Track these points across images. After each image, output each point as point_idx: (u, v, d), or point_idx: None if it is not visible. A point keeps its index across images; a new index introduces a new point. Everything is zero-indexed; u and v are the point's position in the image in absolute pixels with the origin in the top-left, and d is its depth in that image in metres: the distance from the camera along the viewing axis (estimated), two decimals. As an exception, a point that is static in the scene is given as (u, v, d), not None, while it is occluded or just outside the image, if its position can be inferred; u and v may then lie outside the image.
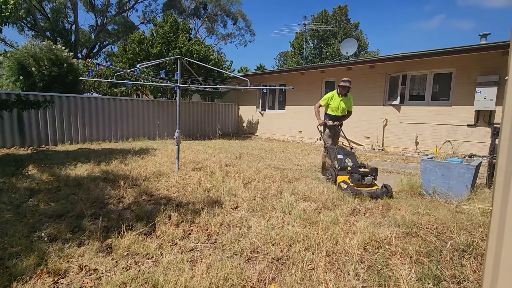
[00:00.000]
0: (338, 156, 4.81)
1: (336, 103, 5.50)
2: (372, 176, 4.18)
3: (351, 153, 4.91)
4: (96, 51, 27.04)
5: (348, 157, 4.77)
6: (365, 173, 4.16)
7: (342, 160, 4.73)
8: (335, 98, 5.50)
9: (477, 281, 2.08)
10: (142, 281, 2.03)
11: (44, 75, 9.45)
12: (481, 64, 7.58)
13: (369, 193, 4.00)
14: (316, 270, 2.21)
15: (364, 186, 4.17)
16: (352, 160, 4.73)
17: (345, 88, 5.39)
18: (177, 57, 5.36)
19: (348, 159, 4.74)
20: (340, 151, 4.89)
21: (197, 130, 12.84)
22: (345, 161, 4.70)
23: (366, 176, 4.16)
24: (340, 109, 5.52)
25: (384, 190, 4.02)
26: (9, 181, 4.41)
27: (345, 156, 4.79)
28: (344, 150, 4.96)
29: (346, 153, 4.85)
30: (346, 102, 5.54)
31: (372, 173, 4.18)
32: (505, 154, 1.35)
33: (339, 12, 31.45)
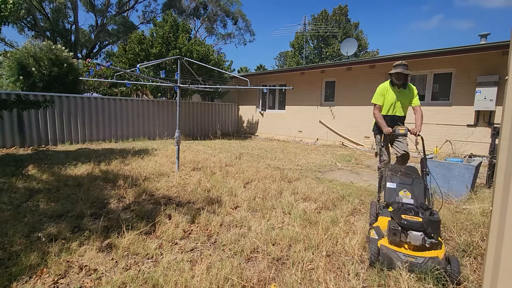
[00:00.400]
0: (388, 184, 2.87)
1: (392, 98, 3.90)
2: (425, 232, 2.21)
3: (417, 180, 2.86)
4: (96, 51, 27.04)
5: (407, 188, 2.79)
6: (412, 224, 2.22)
7: (392, 192, 2.81)
8: (390, 92, 3.91)
9: (477, 281, 2.08)
10: (142, 281, 2.03)
11: (44, 75, 9.45)
12: (481, 64, 7.58)
13: (410, 264, 2.15)
14: (316, 270, 2.21)
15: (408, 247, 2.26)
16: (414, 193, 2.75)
17: (400, 76, 3.79)
18: (177, 57, 5.36)
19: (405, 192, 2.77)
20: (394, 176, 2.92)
21: (197, 130, 12.84)
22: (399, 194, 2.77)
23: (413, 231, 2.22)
24: (400, 105, 3.93)
25: (445, 264, 2.08)
26: (9, 181, 4.41)
27: (400, 186, 2.82)
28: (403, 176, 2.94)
29: (403, 181, 2.86)
30: (408, 96, 3.88)
31: (426, 227, 2.20)
32: (505, 154, 1.35)
33: (339, 12, 31.44)
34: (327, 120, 11.16)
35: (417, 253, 2.18)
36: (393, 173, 2.97)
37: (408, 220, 2.24)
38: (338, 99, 10.87)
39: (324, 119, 11.27)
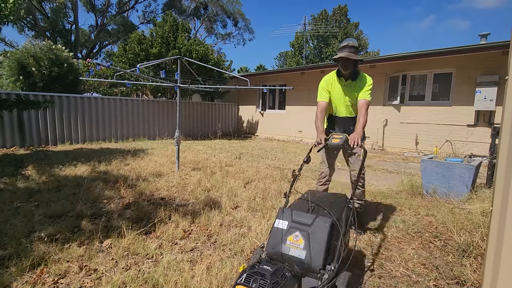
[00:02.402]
0: (276, 223, 1.80)
1: (338, 92, 2.90)
2: None
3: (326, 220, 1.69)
4: (96, 51, 27.05)
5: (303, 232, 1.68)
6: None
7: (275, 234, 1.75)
8: (335, 84, 2.90)
9: (477, 281, 2.08)
10: (142, 281, 2.03)
11: (44, 75, 9.45)
12: (481, 64, 7.58)
13: None
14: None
15: None
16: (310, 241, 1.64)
17: (346, 62, 2.71)
18: (177, 57, 5.36)
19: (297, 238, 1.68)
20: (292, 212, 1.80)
21: (197, 130, 12.84)
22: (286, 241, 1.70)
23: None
24: (347, 102, 2.90)
25: None
26: (9, 181, 4.41)
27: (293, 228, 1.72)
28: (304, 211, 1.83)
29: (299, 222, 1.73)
30: (356, 88, 2.82)
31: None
32: (505, 154, 1.35)
33: (339, 12, 31.46)
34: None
35: None
36: (297, 205, 1.97)
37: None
38: (338, 99, 10.86)
39: (324, 119, 11.25)
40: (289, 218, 1.78)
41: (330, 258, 1.66)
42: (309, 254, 1.62)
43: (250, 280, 1.36)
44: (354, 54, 2.68)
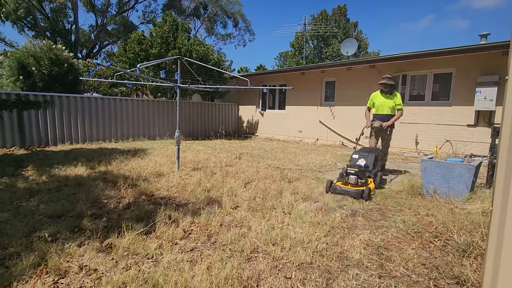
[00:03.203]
0: (353, 155, 4.78)
1: (380, 100, 5.45)
2: (356, 176, 4.08)
3: (372, 154, 4.71)
4: (96, 51, 27.04)
5: (364, 157, 4.66)
6: (351, 172, 4.12)
7: (353, 160, 4.69)
8: (378, 96, 5.50)
9: (477, 281, 2.08)
10: (142, 281, 2.03)
11: (44, 75, 9.45)
12: (481, 64, 7.58)
13: (343, 191, 4.06)
14: (316, 271, 2.21)
15: (349, 185, 4.13)
16: (367, 160, 4.60)
17: (385, 85, 5.35)
18: (177, 57, 5.36)
19: (362, 159, 4.64)
20: (359, 152, 4.85)
21: (197, 130, 12.84)
22: (358, 161, 4.62)
23: (351, 175, 4.11)
24: (386, 107, 5.39)
25: (361, 192, 3.92)
26: (9, 181, 4.41)
27: (361, 156, 4.70)
28: (364, 151, 4.85)
29: (362, 154, 4.73)
30: (391, 99, 5.39)
31: (357, 174, 4.08)
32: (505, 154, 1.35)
33: (338, 12, 31.46)
34: (327, 120, 11.16)
35: (349, 187, 4.12)
36: (361, 150, 4.98)
37: (350, 170, 4.19)
38: (338, 99, 10.87)
39: (324, 119, 11.27)
40: (358, 153, 4.82)
41: (375, 166, 4.61)
42: (367, 164, 4.58)
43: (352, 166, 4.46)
44: (389, 81, 5.38)
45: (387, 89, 5.39)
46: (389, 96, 5.40)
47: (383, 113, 5.41)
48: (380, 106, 5.45)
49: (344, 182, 4.17)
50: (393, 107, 5.38)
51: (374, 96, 5.58)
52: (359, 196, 3.86)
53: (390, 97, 5.39)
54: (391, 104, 5.37)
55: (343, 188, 4.05)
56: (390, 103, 5.37)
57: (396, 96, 5.38)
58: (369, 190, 3.92)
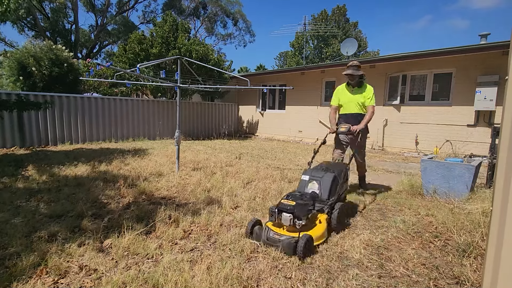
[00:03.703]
0: (302, 176, 3.24)
1: (346, 96, 4.14)
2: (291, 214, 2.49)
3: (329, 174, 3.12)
4: (96, 51, 27.05)
5: (317, 180, 3.11)
6: (284, 208, 2.54)
7: (301, 184, 3.19)
8: (344, 91, 4.20)
9: (477, 281, 2.08)
10: (142, 281, 2.03)
11: (44, 75, 9.44)
12: (481, 64, 7.58)
13: (268, 240, 2.51)
14: (316, 271, 2.21)
15: (284, 228, 2.57)
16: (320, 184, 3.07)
17: (351, 77, 4.03)
18: (177, 57, 5.36)
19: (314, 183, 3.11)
20: (310, 171, 3.26)
21: (197, 130, 12.83)
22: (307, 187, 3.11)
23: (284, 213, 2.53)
24: (354, 103, 4.09)
25: (293, 244, 2.36)
26: (9, 181, 4.41)
27: (312, 178, 3.14)
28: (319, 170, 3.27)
29: (314, 176, 3.14)
30: (360, 94, 4.07)
31: (292, 211, 2.49)
32: (505, 154, 1.35)
33: (338, 12, 31.47)
34: (327, 120, 11.16)
35: (281, 232, 2.54)
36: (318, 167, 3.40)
37: (286, 203, 2.58)
38: (338, 99, 10.86)
39: (324, 119, 11.26)
40: (309, 174, 3.20)
41: (332, 194, 3.02)
42: (320, 192, 3.03)
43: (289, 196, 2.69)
44: (352, 70, 3.99)
45: (354, 81, 4.07)
46: (357, 89, 4.09)
47: (352, 111, 4.13)
48: (347, 103, 4.14)
49: (275, 223, 2.62)
50: (362, 104, 4.08)
51: (339, 90, 4.25)
52: (291, 251, 2.36)
53: (359, 91, 4.08)
54: (360, 100, 4.06)
55: (270, 235, 2.52)
56: (359, 99, 4.06)
57: (366, 89, 4.08)
58: (307, 241, 2.34)
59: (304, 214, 2.50)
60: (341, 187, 3.17)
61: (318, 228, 2.63)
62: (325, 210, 2.81)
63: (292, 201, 2.57)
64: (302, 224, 2.47)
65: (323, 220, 2.70)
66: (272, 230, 2.54)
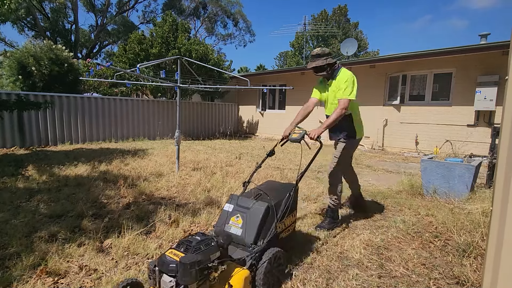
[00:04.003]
0: (225, 206, 2.23)
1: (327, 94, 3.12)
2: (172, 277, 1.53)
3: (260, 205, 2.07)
4: (96, 51, 27.04)
5: (243, 213, 2.09)
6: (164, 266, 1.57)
7: (220, 219, 2.19)
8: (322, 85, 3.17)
9: (477, 281, 2.08)
10: (142, 281, 2.03)
11: (44, 75, 9.45)
12: (481, 64, 7.58)
13: None
14: (316, 271, 2.21)
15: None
16: (246, 220, 2.04)
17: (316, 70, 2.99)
18: (177, 57, 5.36)
19: (237, 218, 2.08)
20: (237, 199, 2.22)
21: (197, 130, 12.83)
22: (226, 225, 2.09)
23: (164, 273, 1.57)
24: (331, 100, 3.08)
25: None
26: (9, 181, 4.41)
27: (236, 210, 2.14)
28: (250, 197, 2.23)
29: (240, 207, 2.14)
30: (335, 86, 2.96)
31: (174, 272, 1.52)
32: (505, 154, 1.35)
33: (339, 12, 31.48)
34: (327, 120, 11.15)
35: None
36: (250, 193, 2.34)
37: (170, 257, 1.58)
38: (338, 99, 10.86)
39: (324, 119, 11.25)
40: (235, 203, 2.19)
41: (263, 236, 1.99)
42: (244, 232, 2.01)
43: (180, 245, 1.67)
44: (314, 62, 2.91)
45: (321, 74, 3.00)
46: (332, 82, 2.99)
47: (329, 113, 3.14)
48: (326, 102, 3.19)
49: None
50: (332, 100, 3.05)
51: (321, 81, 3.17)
52: None
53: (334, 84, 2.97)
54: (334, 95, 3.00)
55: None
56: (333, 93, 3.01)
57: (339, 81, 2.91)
58: None
59: (193, 280, 1.48)
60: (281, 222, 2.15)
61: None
62: (247, 261, 1.83)
63: (176, 256, 1.57)
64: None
65: (238, 281, 1.66)
66: None
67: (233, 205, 2.19)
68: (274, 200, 2.14)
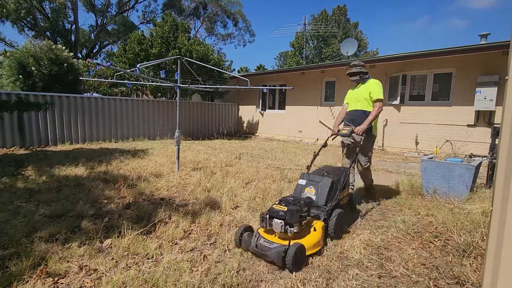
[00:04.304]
0: (299, 180, 3.11)
1: (352, 94, 3.97)
2: (282, 221, 2.35)
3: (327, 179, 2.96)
4: (96, 51, 27.03)
5: (314, 185, 2.96)
6: (275, 213, 2.41)
7: (297, 189, 3.06)
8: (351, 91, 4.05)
9: (477, 281, 2.08)
10: (142, 281, 2.03)
11: (44, 75, 9.45)
12: (481, 64, 7.58)
13: (256, 249, 2.37)
14: (316, 271, 2.21)
15: (275, 235, 2.45)
16: (317, 190, 2.92)
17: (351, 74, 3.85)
18: (177, 57, 5.36)
19: (310, 188, 2.96)
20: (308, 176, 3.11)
21: (197, 130, 12.84)
22: (303, 191, 2.97)
23: (275, 219, 2.40)
24: (358, 100, 3.80)
25: (282, 253, 2.19)
26: (9, 181, 4.41)
27: (309, 183, 3.00)
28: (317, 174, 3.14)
29: (312, 180, 3.01)
30: (365, 90, 3.75)
31: (284, 217, 2.36)
32: (505, 154, 1.35)
33: (338, 12, 31.47)
34: (327, 120, 11.16)
35: (274, 240, 2.39)
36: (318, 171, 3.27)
37: (278, 208, 2.45)
38: (338, 99, 10.87)
39: (324, 119, 11.27)
40: (307, 178, 3.07)
41: (330, 200, 2.88)
42: (317, 198, 2.89)
43: (281, 201, 2.57)
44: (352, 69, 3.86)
45: (354, 78, 3.85)
46: (361, 86, 3.83)
47: (355, 108, 3.82)
48: (352, 100, 3.91)
49: (267, 230, 2.50)
50: (366, 99, 3.73)
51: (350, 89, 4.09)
52: (280, 262, 2.21)
53: (363, 87, 3.80)
54: (363, 95, 3.74)
55: (260, 241, 2.38)
56: (362, 94, 3.75)
57: (371, 85, 3.74)
58: (297, 250, 2.19)
59: (297, 221, 2.34)
60: (338, 193, 2.95)
61: (312, 236, 2.45)
62: (321, 217, 2.67)
63: (284, 207, 2.42)
64: (294, 232, 2.33)
65: (318, 228, 2.51)
66: (263, 237, 2.41)
67: (305, 180, 3.06)
68: (336, 178, 3.02)
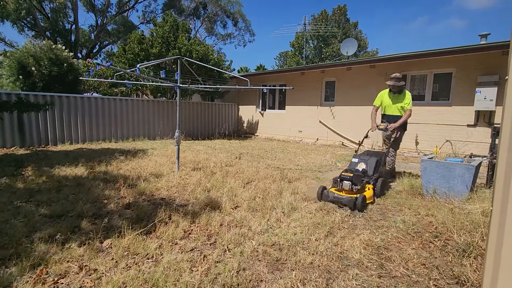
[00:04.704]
0: (353, 159, 4.47)
1: (388, 100, 5.17)
2: (350, 182, 3.65)
3: (373, 158, 4.35)
4: (96, 51, 27.02)
5: (364, 162, 4.33)
6: (345, 177, 3.70)
7: (352, 164, 4.39)
8: (386, 95, 5.20)
9: (477, 281, 2.08)
10: (142, 281, 2.03)
11: (44, 75, 9.45)
12: (481, 64, 7.58)
13: (335, 198, 3.64)
14: (316, 271, 2.21)
15: (344, 191, 3.71)
16: (367, 165, 4.27)
17: (393, 87, 5.01)
18: (177, 57, 5.36)
19: (362, 163, 4.31)
20: (359, 155, 4.52)
21: (197, 130, 12.84)
22: (357, 166, 4.29)
23: (345, 181, 3.69)
24: (394, 107, 5.10)
25: (353, 200, 3.49)
26: (9, 181, 4.41)
27: (361, 160, 4.37)
28: (365, 154, 4.55)
29: (362, 158, 4.39)
30: (400, 99, 5.04)
31: (351, 179, 3.64)
32: (505, 154, 1.35)
33: (338, 12, 31.47)
34: (327, 120, 11.16)
35: (342, 194, 3.68)
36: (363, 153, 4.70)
37: (345, 175, 3.73)
38: (338, 99, 10.87)
39: (324, 119, 11.27)
40: (358, 157, 4.48)
41: (376, 172, 4.22)
42: (367, 170, 4.21)
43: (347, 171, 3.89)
44: (398, 82, 4.99)
45: (395, 89, 5.05)
46: (398, 96, 5.06)
47: (391, 113, 5.17)
48: (387, 106, 5.20)
49: (338, 189, 3.75)
50: (402, 108, 5.07)
51: (382, 94, 5.27)
52: (351, 205, 3.47)
53: (399, 98, 5.05)
54: (400, 105, 5.05)
55: (335, 195, 3.65)
56: (399, 104, 5.06)
57: (405, 96, 5.04)
58: (363, 198, 3.52)
59: (359, 182, 3.72)
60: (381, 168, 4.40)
61: (367, 193, 3.79)
62: (371, 182, 4.02)
63: (350, 173, 3.73)
64: (357, 189, 3.66)
65: (370, 188, 3.93)
66: (335, 193, 3.69)
67: (357, 158, 4.43)
68: (379, 157, 4.43)
